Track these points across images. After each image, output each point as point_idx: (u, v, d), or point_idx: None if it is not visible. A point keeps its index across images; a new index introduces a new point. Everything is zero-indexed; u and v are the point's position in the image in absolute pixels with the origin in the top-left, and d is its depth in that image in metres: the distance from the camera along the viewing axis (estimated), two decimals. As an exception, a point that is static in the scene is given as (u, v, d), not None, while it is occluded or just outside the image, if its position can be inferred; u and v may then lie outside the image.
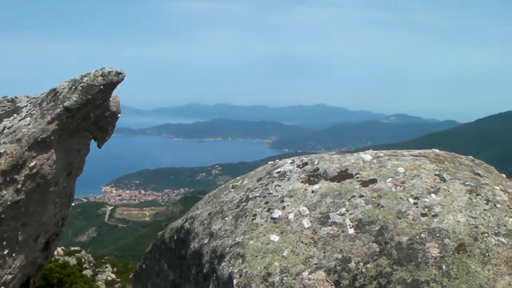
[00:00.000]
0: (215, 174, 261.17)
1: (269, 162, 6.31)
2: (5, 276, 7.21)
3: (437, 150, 6.09)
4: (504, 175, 6.06)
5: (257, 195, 5.47)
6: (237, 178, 6.38)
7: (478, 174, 5.45)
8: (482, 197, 4.91)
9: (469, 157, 6.23)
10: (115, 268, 48.02)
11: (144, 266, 7.27)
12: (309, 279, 4.54)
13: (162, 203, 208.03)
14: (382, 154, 5.73)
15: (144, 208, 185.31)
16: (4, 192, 6.64)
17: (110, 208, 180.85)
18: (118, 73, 7.04)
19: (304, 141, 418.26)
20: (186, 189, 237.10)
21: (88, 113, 7.10)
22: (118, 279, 42.70)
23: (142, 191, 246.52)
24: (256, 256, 4.80)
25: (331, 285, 4.51)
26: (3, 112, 7.38)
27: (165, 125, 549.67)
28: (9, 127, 6.92)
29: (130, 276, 7.98)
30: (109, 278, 43.27)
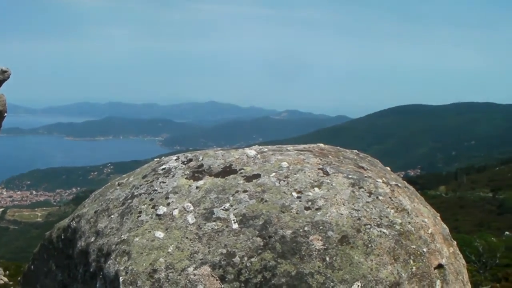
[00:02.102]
0: (107, 173, 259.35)
1: (155, 159, 6.29)
2: None
3: (321, 145, 6.17)
4: (388, 168, 6.19)
5: (142, 192, 5.44)
6: (123, 175, 6.34)
7: (362, 168, 5.55)
8: (365, 190, 5.01)
9: (354, 151, 6.33)
10: (7, 271, 47.00)
11: (32, 267, 7.15)
12: (194, 275, 4.55)
13: (54, 203, 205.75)
14: (266, 150, 5.77)
15: (36, 209, 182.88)
16: None
17: (0, 210, 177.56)
18: (3, 71, 6.90)
19: (195, 138, 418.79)
20: (78, 188, 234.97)
21: (-29, 113, 6.94)
22: (11, 282, 41.91)
23: (34, 192, 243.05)
24: (142, 253, 4.78)
25: (216, 280, 4.52)
26: None
27: (56, 124, 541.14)
28: None
29: (19, 278, 7.85)
30: (1, 282, 42.42)
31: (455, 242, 5.61)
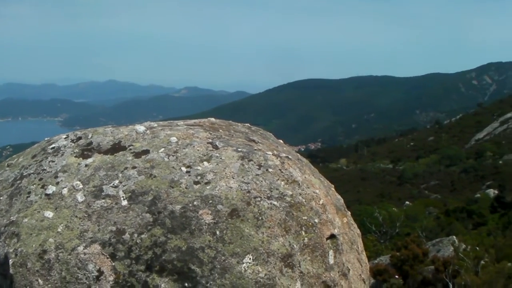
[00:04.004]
0: (7, 155, 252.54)
1: (45, 139, 6.18)
2: None
3: (212, 119, 6.16)
4: (281, 141, 6.22)
5: (32, 172, 5.34)
6: (13, 156, 6.22)
7: (253, 141, 5.57)
8: (254, 163, 5.01)
9: (246, 124, 6.35)
10: None
11: None
12: (85, 254, 4.51)
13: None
14: (156, 125, 5.72)
15: None
16: None
17: None
18: None
19: (95, 117, 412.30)
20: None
21: None
22: None
23: None
24: (31, 234, 4.71)
25: (107, 257, 4.50)
26: None
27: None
28: None
29: None
30: None
31: (349, 213, 5.69)
